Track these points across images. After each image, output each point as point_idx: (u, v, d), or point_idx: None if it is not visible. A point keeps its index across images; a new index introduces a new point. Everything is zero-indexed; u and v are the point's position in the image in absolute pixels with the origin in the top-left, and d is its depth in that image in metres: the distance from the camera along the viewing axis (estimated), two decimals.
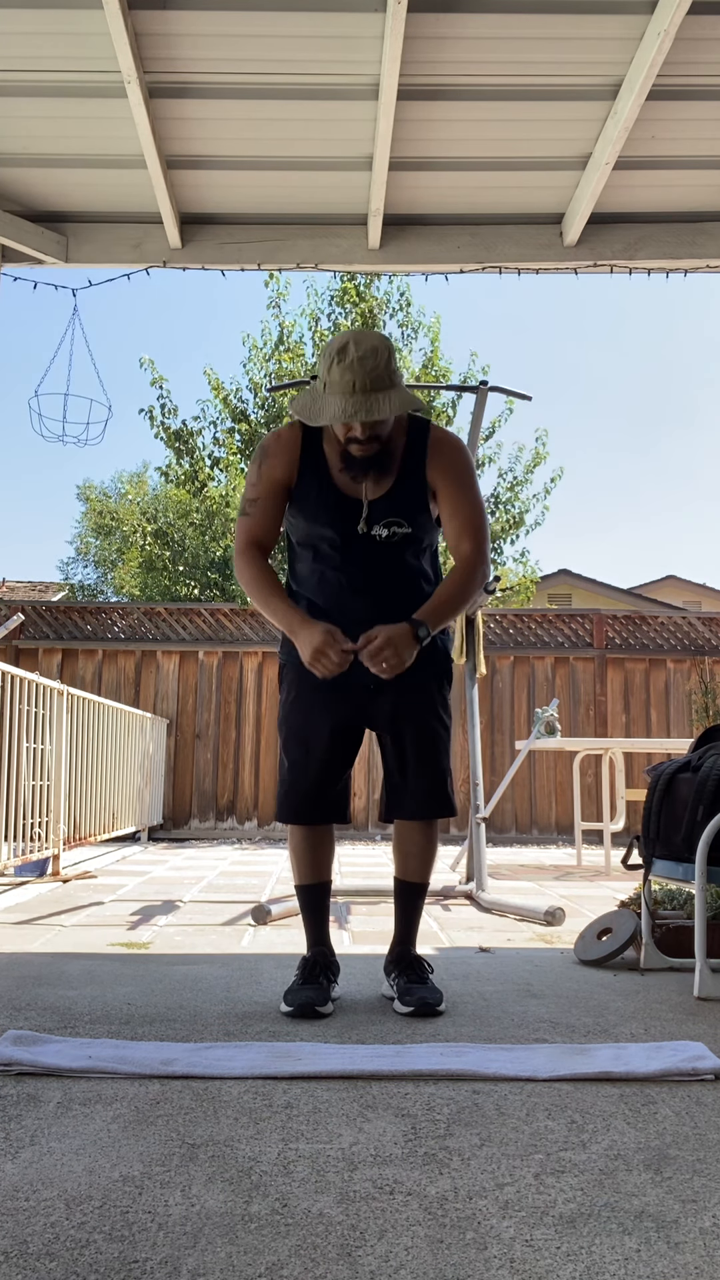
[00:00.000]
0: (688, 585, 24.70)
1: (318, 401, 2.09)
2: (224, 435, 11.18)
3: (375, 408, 2.02)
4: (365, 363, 2.02)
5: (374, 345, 2.05)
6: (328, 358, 2.06)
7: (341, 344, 2.06)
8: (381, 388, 2.03)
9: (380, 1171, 1.30)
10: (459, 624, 4.24)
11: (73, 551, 35.43)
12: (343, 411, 2.02)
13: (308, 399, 2.12)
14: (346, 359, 2.02)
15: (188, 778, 8.53)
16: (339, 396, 2.03)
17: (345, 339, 2.07)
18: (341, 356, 2.03)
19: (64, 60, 3.34)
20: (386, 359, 2.05)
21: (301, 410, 2.11)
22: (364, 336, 2.07)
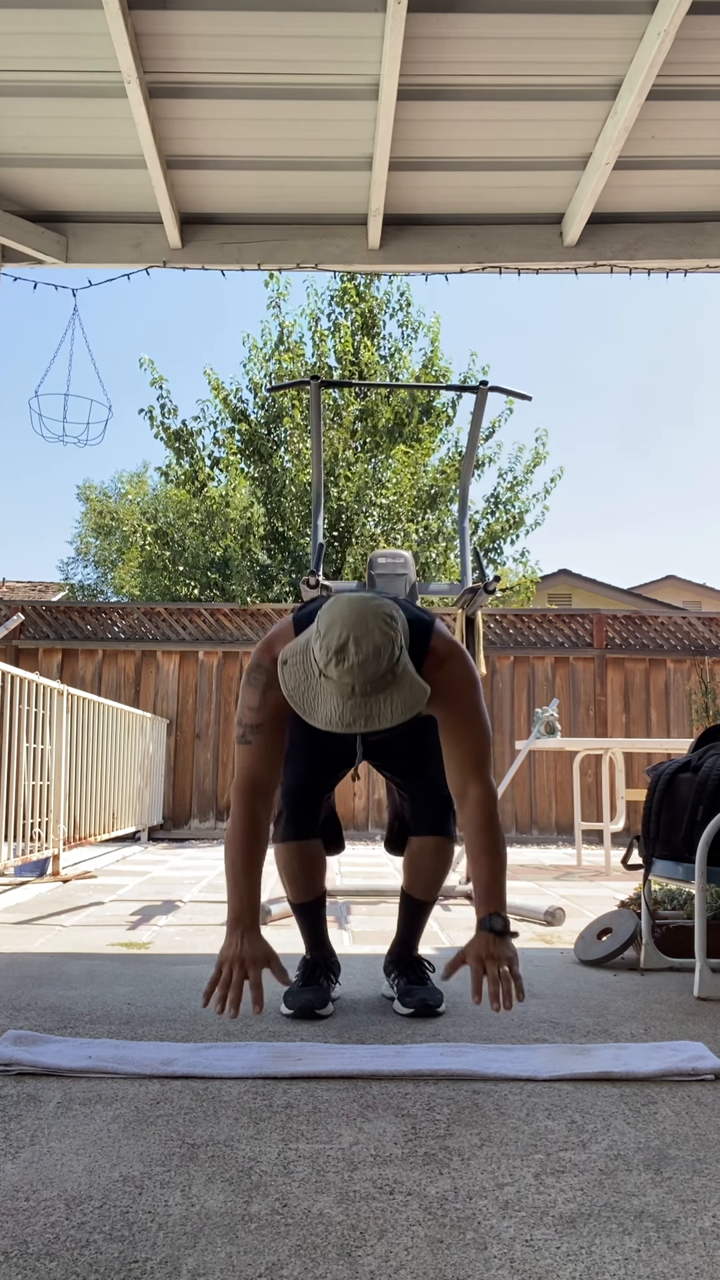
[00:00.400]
0: (688, 585, 24.70)
1: (311, 687, 1.83)
2: (224, 435, 11.18)
3: (376, 714, 1.77)
4: (367, 668, 1.76)
5: (376, 646, 1.77)
6: (324, 650, 1.78)
7: (340, 643, 1.76)
8: (384, 688, 1.78)
9: (380, 1171, 1.30)
10: (459, 624, 4.24)
11: (73, 551, 35.46)
12: (340, 718, 1.77)
13: (300, 673, 1.85)
14: (345, 662, 1.75)
15: (188, 778, 8.53)
16: (335, 696, 1.78)
17: (344, 636, 1.76)
18: (340, 659, 1.76)
19: (64, 60, 3.34)
20: (390, 659, 1.78)
21: (294, 691, 1.84)
22: (365, 634, 1.77)
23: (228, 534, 10.69)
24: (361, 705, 1.78)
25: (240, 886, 1.95)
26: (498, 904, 1.94)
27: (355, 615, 1.79)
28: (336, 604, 1.83)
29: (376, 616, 1.81)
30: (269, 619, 8.79)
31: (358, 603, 1.82)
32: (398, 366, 11.56)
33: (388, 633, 1.80)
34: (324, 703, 1.80)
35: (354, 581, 4.49)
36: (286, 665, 1.86)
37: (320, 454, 4.19)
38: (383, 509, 10.52)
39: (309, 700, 1.82)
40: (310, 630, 1.89)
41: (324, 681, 1.80)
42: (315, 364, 11.14)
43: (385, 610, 1.82)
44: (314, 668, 1.82)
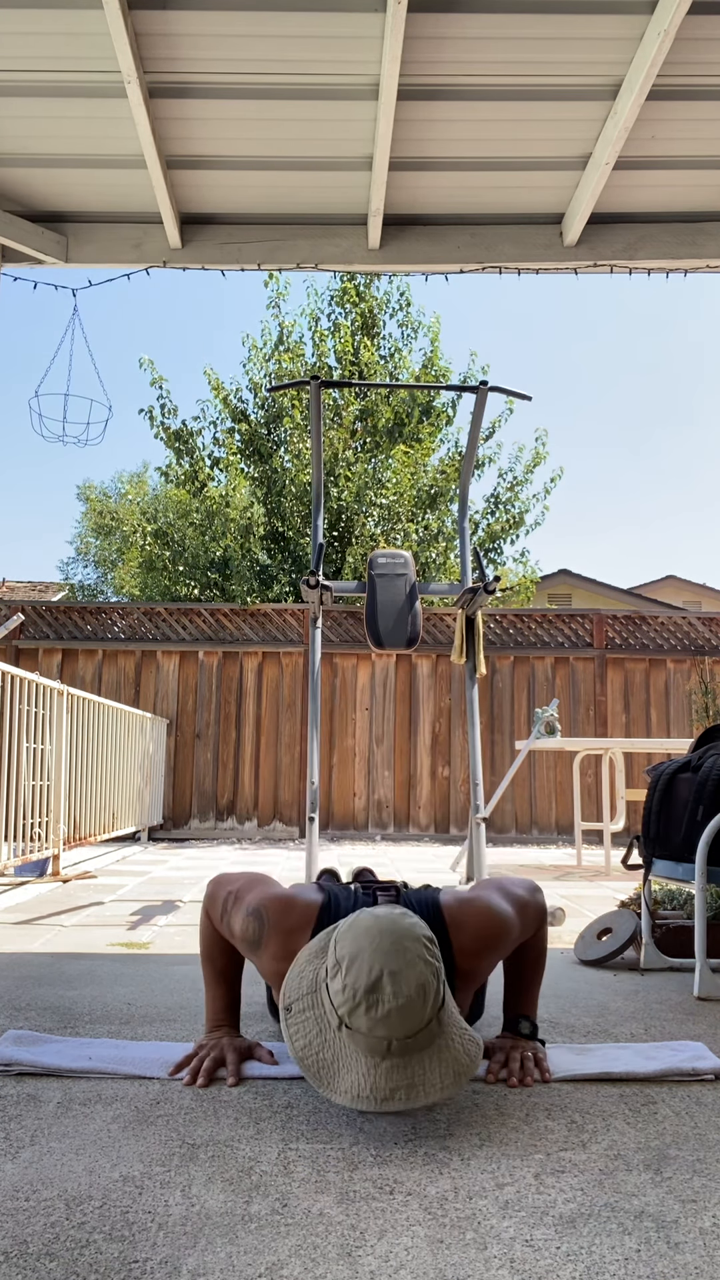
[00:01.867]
0: (688, 585, 24.70)
1: (329, 1045, 1.41)
2: (224, 435, 11.18)
3: (418, 1085, 1.37)
4: (407, 1015, 1.35)
5: (421, 983, 1.37)
6: (347, 992, 1.38)
7: (372, 980, 1.36)
8: (427, 1043, 1.39)
9: (380, 1171, 1.30)
10: (459, 624, 4.24)
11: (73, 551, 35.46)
12: (372, 1089, 1.36)
13: (314, 1028, 1.43)
14: (380, 1008, 1.35)
15: (188, 778, 8.53)
16: (363, 1057, 1.38)
17: (377, 970, 1.37)
18: (371, 1002, 1.35)
19: (64, 60, 3.34)
20: (435, 999, 1.39)
21: (304, 1053, 1.42)
22: (405, 966, 1.37)
23: (228, 534, 10.69)
24: (400, 1069, 1.36)
25: (218, 990, 1.78)
26: (529, 1009, 1.79)
27: (389, 940, 1.39)
28: (359, 925, 1.44)
29: (414, 941, 1.41)
30: (269, 619, 8.80)
31: (388, 924, 1.42)
32: (398, 366, 11.56)
33: (430, 963, 1.40)
34: (348, 1068, 1.38)
35: (354, 582, 4.49)
36: (292, 1013, 1.47)
37: (320, 454, 4.19)
38: (383, 509, 10.52)
39: (326, 1064, 1.40)
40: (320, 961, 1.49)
41: (346, 1036, 1.39)
42: (315, 364, 11.14)
43: (421, 931, 1.44)
44: (330, 1017, 1.41)
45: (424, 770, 8.55)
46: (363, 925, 1.43)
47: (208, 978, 1.80)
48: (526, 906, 1.76)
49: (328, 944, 1.49)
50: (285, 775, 8.52)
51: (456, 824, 8.48)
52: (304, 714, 8.58)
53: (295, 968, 1.52)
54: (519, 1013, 1.80)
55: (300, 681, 8.64)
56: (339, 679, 8.65)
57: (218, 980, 1.79)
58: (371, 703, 8.62)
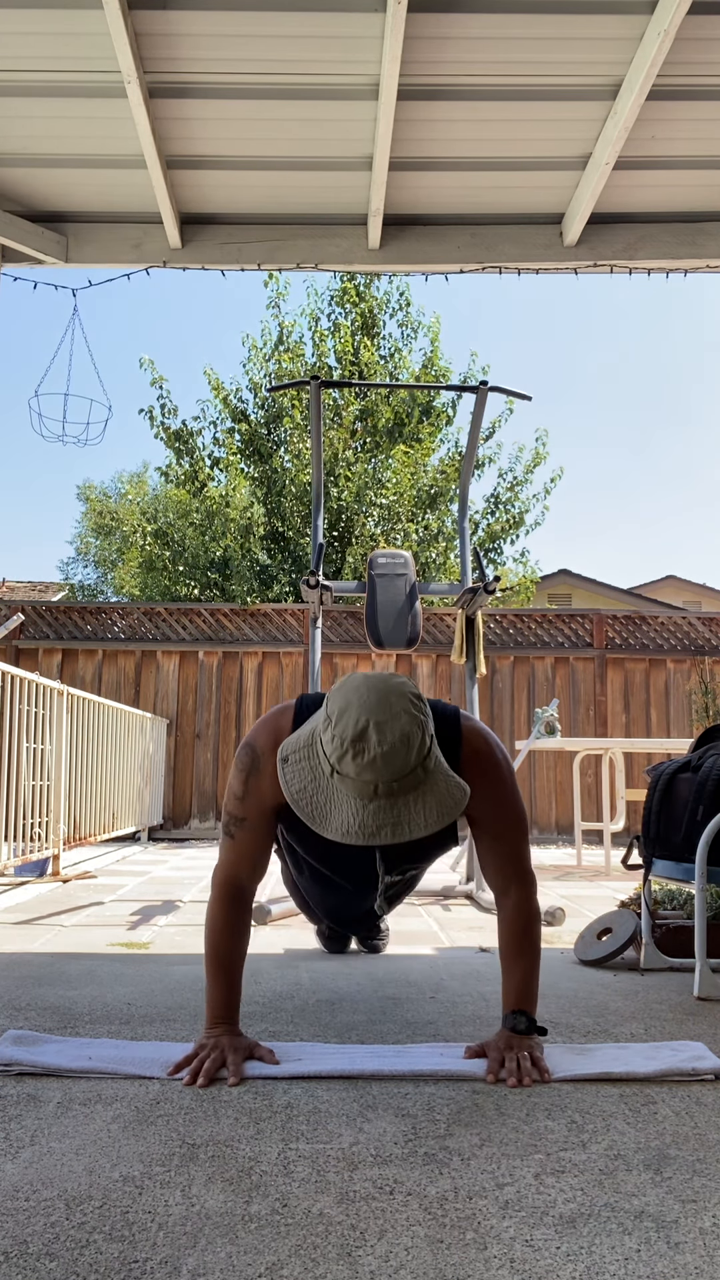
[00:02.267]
0: (688, 585, 24.70)
1: (322, 789, 1.52)
2: (224, 435, 11.19)
3: (405, 821, 1.47)
4: (392, 760, 1.45)
5: (404, 733, 1.47)
6: (337, 740, 1.48)
7: (358, 730, 1.47)
8: (414, 786, 1.48)
9: (380, 1171, 1.30)
10: (459, 624, 4.24)
11: (73, 551, 35.49)
12: (360, 826, 1.47)
13: (306, 772, 1.54)
14: (366, 754, 1.45)
15: (188, 778, 8.53)
16: (353, 799, 1.48)
17: (362, 721, 1.47)
18: (358, 750, 1.45)
19: (64, 60, 3.35)
20: (420, 749, 1.48)
21: (300, 796, 1.53)
22: (389, 718, 1.47)
23: (228, 534, 10.69)
24: (387, 809, 1.46)
25: (220, 983, 1.77)
26: (527, 1004, 1.77)
27: (375, 696, 1.49)
28: (349, 683, 1.55)
29: (400, 696, 1.51)
30: (269, 619, 8.80)
31: (376, 681, 1.53)
32: (398, 366, 11.56)
33: (415, 716, 1.49)
34: (339, 809, 1.48)
35: (354, 582, 4.49)
36: (288, 763, 1.56)
37: (320, 454, 4.19)
38: (383, 509, 10.52)
39: (319, 807, 1.50)
40: (317, 717, 1.58)
41: (337, 781, 1.49)
42: (315, 364, 11.14)
43: (409, 689, 1.54)
44: (323, 764, 1.51)
45: None
46: (353, 682, 1.54)
47: (210, 971, 1.79)
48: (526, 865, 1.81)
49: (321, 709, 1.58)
50: None
51: None
52: None
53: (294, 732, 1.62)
54: (516, 1008, 1.79)
55: (300, 681, 8.64)
56: (339, 679, 8.64)
57: (220, 975, 1.78)
58: None
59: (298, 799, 1.51)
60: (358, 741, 1.45)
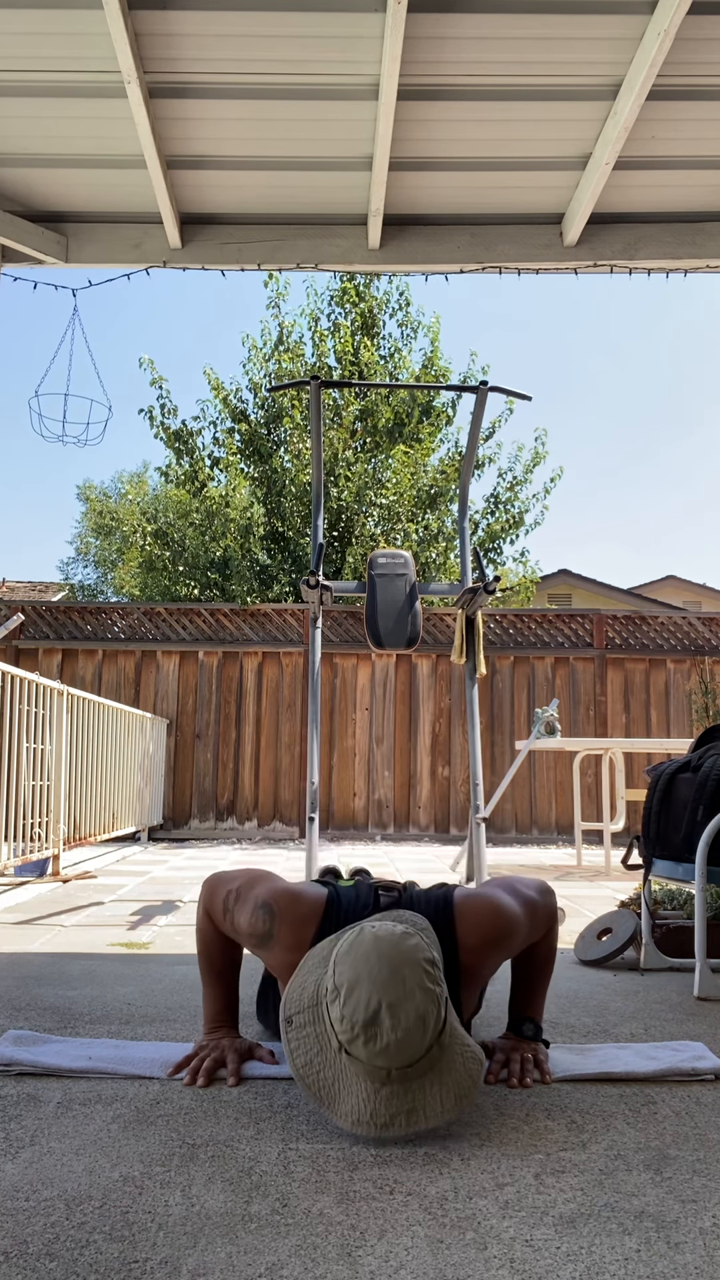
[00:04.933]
0: (688, 585, 24.70)
1: (330, 1065, 1.41)
2: (224, 435, 11.18)
3: (418, 1110, 1.37)
4: (406, 1047, 1.35)
5: (420, 1014, 1.36)
6: (346, 1022, 1.37)
7: (369, 1013, 1.36)
8: (428, 1069, 1.39)
9: (380, 1171, 1.30)
10: (459, 624, 4.24)
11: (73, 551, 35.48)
12: (371, 1115, 1.36)
13: (313, 1044, 1.43)
14: (379, 1041, 1.35)
15: (188, 778, 8.53)
16: (363, 1081, 1.38)
17: (374, 1003, 1.36)
18: (370, 1036, 1.35)
19: (64, 60, 3.34)
20: (435, 1027, 1.38)
21: (306, 1071, 1.42)
22: (404, 997, 1.36)
23: (228, 534, 10.69)
24: (400, 1095, 1.37)
25: (216, 990, 1.77)
26: (534, 1011, 1.78)
27: (388, 970, 1.37)
28: (359, 948, 1.42)
29: (414, 967, 1.39)
30: (269, 619, 8.79)
31: (388, 948, 1.40)
32: (398, 366, 11.56)
33: (431, 990, 1.39)
34: (349, 1091, 1.39)
35: (354, 582, 4.49)
36: (293, 1026, 1.46)
37: (320, 454, 4.19)
38: (383, 509, 10.52)
39: (327, 1085, 1.40)
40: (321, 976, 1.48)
41: (346, 1060, 1.39)
42: (315, 364, 11.14)
43: (422, 956, 1.42)
44: (332, 1040, 1.41)
45: (424, 770, 8.55)
46: (362, 949, 1.41)
47: (205, 978, 1.79)
48: (536, 908, 1.75)
49: (330, 955, 1.48)
50: (285, 775, 8.52)
51: (456, 824, 8.48)
52: (304, 714, 8.58)
53: (298, 976, 1.52)
54: (524, 1014, 1.79)
55: (300, 681, 8.64)
56: (339, 679, 8.65)
57: (215, 981, 1.78)
58: (371, 703, 8.62)
59: (304, 1074, 1.42)
60: (369, 1026, 1.35)
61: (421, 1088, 1.38)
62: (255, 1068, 1.69)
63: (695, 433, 54.79)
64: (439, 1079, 1.39)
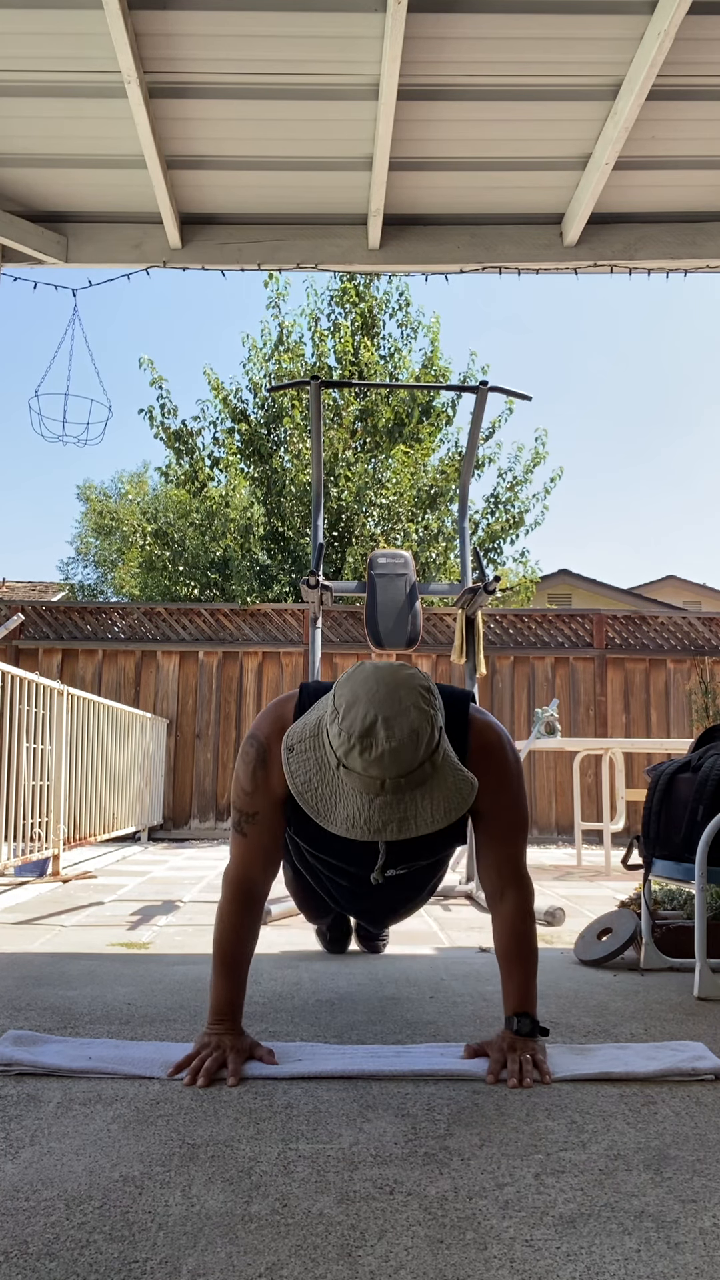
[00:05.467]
0: (688, 585, 24.69)
1: (327, 781, 1.48)
2: (224, 435, 11.19)
3: (412, 817, 1.44)
4: (400, 756, 1.42)
5: (413, 728, 1.43)
6: (344, 734, 1.44)
7: (366, 724, 1.43)
8: (421, 781, 1.45)
9: (380, 1171, 1.30)
10: (459, 624, 4.24)
11: (73, 551, 35.49)
12: (365, 821, 1.44)
13: (311, 764, 1.51)
14: (373, 750, 1.41)
15: (188, 778, 8.53)
16: (359, 793, 1.45)
17: (371, 716, 1.43)
18: (366, 745, 1.42)
19: (64, 60, 3.35)
20: (428, 744, 1.45)
21: (305, 788, 1.50)
22: (398, 712, 1.43)
23: (228, 534, 10.69)
24: (393, 805, 1.43)
25: (225, 982, 1.76)
26: (528, 1004, 1.76)
27: (385, 689, 1.45)
28: (359, 674, 1.51)
29: (410, 690, 1.47)
30: (269, 619, 8.79)
31: (386, 673, 1.49)
32: (398, 366, 11.56)
33: (425, 710, 1.46)
34: (344, 803, 1.45)
35: (354, 582, 4.49)
36: (293, 753, 1.52)
37: (320, 454, 4.19)
38: (383, 509, 10.52)
39: (324, 799, 1.47)
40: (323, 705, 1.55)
41: (343, 774, 1.45)
42: (315, 364, 11.14)
43: (420, 681, 1.50)
44: (329, 756, 1.48)
45: None
46: (362, 674, 1.49)
47: (217, 969, 1.78)
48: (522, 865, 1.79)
49: (328, 698, 1.54)
50: None
51: None
52: None
53: (300, 719, 1.58)
54: (517, 1010, 1.78)
55: (300, 681, 8.63)
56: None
57: (226, 972, 1.77)
58: None
59: (302, 791, 1.48)
60: (365, 737, 1.42)
61: (414, 799, 1.43)
62: (255, 1068, 1.69)
63: (695, 433, 54.82)
64: (429, 793, 1.44)
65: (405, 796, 1.43)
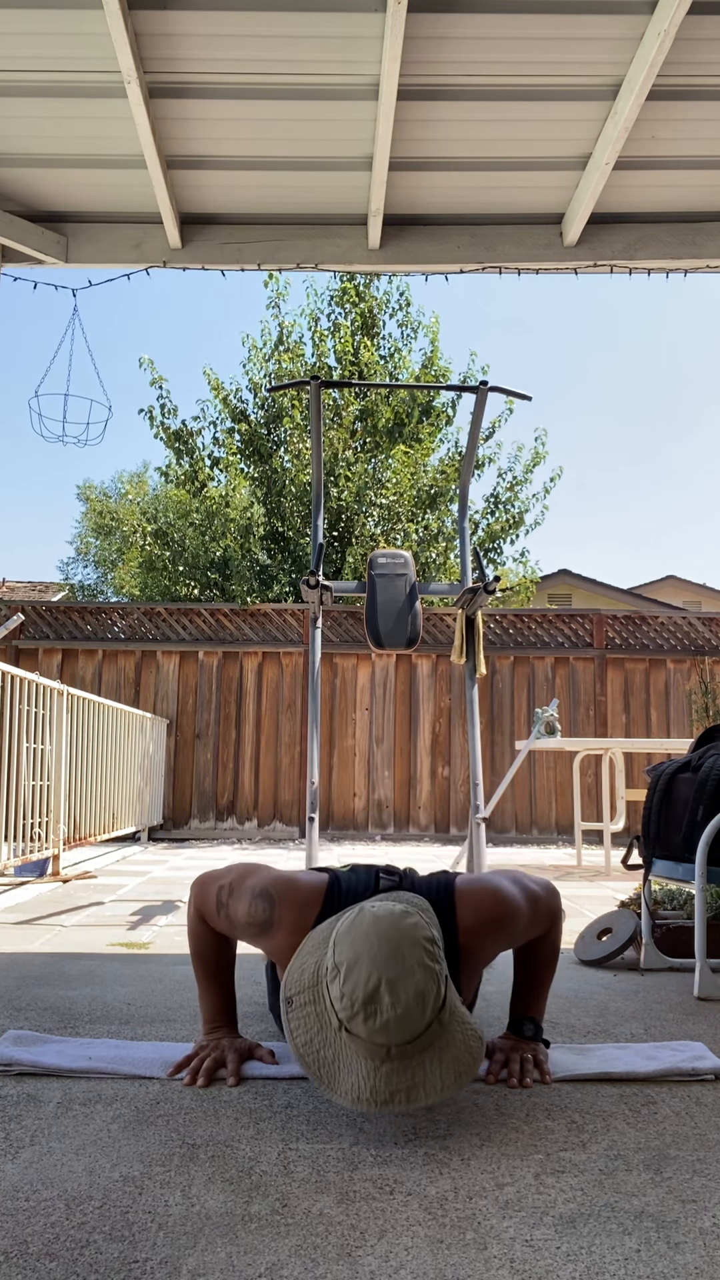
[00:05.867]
0: (688, 585, 24.69)
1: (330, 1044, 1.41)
2: (224, 435, 11.18)
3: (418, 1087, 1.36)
4: (405, 1023, 1.35)
5: (419, 991, 1.36)
6: (346, 999, 1.37)
7: (369, 990, 1.36)
8: (427, 1045, 1.38)
9: (380, 1171, 1.30)
10: (459, 624, 4.24)
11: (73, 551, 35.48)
12: (371, 1092, 1.36)
13: (313, 1023, 1.43)
14: (378, 1018, 1.34)
15: (188, 778, 8.53)
16: (363, 1059, 1.38)
17: (374, 980, 1.36)
18: (370, 1012, 1.35)
19: (64, 60, 3.34)
20: (435, 1006, 1.38)
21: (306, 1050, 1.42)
22: (403, 974, 1.36)
23: (228, 534, 10.69)
24: (400, 1071, 1.36)
25: (212, 990, 1.77)
26: (535, 1011, 1.76)
27: (387, 948, 1.38)
28: (359, 928, 1.42)
29: (413, 946, 1.39)
30: (269, 619, 8.80)
31: (388, 927, 1.40)
32: (397, 366, 11.56)
33: (430, 968, 1.39)
34: (349, 1069, 1.38)
35: (354, 582, 4.50)
36: (293, 1007, 1.46)
37: (320, 454, 4.19)
38: (383, 509, 10.51)
39: (327, 1063, 1.40)
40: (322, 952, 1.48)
41: (346, 1038, 1.39)
42: (315, 364, 11.14)
43: (422, 934, 1.42)
44: (331, 1017, 1.41)
45: (424, 770, 8.55)
46: (362, 929, 1.41)
47: (201, 980, 1.79)
48: (538, 900, 1.73)
49: (329, 935, 1.48)
50: (285, 775, 8.52)
51: (456, 824, 8.48)
52: (304, 714, 8.58)
53: (298, 957, 1.51)
54: (524, 1014, 1.79)
55: (300, 681, 8.64)
56: (339, 679, 8.65)
57: (210, 982, 1.78)
58: (371, 703, 8.62)
59: (304, 1053, 1.42)
60: (369, 1004, 1.35)
61: (421, 1064, 1.37)
62: (255, 1068, 1.69)
63: (695, 433, 54.81)
64: (438, 1056, 1.38)
65: (412, 1062, 1.37)
